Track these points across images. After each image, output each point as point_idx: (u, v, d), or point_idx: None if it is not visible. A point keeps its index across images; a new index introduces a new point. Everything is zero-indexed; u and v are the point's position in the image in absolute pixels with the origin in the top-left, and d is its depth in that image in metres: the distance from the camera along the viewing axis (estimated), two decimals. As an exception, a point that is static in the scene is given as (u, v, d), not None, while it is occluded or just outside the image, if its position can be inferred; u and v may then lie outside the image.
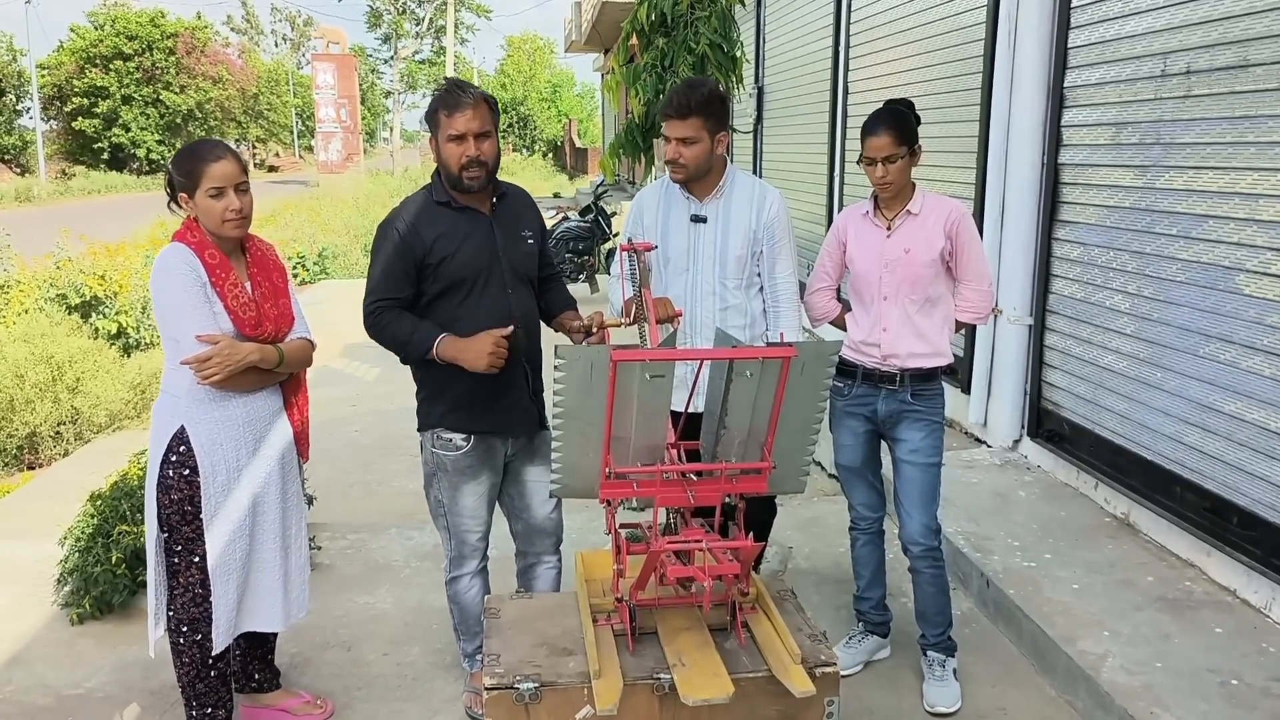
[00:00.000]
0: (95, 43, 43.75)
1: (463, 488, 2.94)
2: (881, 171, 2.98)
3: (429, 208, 2.85)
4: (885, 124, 2.97)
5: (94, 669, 3.37)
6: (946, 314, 3.13)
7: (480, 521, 3.01)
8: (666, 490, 2.28)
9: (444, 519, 3.01)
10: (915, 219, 3.06)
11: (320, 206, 20.25)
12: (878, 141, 2.96)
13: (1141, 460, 4.06)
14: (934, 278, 3.05)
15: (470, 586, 3.07)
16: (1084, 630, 3.27)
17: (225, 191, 2.61)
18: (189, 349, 2.56)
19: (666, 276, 3.29)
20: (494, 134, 2.81)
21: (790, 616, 2.50)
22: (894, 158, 2.95)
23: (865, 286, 3.14)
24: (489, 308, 2.82)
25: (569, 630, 2.45)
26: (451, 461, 2.92)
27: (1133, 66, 4.11)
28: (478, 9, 52.83)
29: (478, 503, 2.98)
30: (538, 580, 3.15)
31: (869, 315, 3.14)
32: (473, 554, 3.04)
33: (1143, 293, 4.06)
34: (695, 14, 4.99)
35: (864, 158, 3.02)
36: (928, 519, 3.11)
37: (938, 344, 3.09)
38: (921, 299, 3.06)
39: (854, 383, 3.18)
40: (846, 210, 3.25)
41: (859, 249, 3.15)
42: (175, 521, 2.68)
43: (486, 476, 2.97)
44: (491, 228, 2.87)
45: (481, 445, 2.91)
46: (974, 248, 3.08)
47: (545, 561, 3.15)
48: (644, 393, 2.17)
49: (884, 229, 3.09)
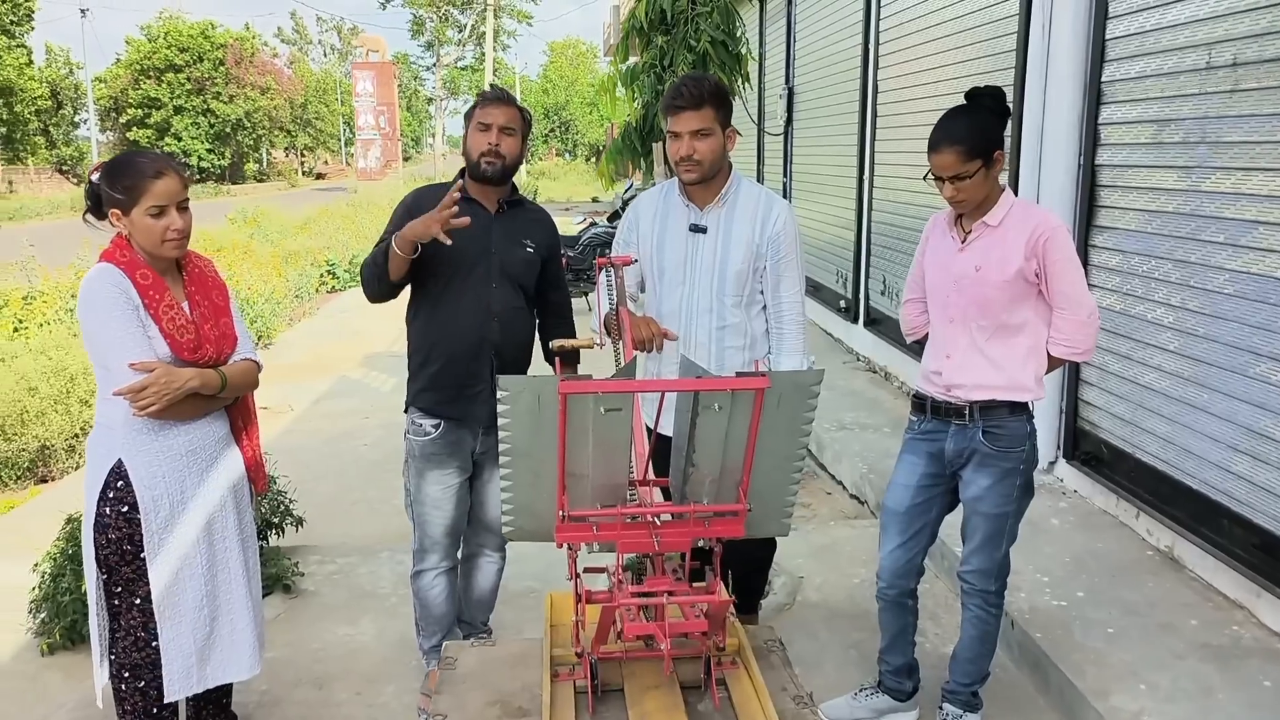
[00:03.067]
0: (149, 55, 44.71)
1: (427, 474, 2.97)
2: (951, 191, 2.58)
3: (438, 193, 2.84)
4: (949, 137, 2.55)
5: (55, 705, 3.20)
6: (1033, 345, 2.65)
7: (444, 514, 3.01)
8: (630, 534, 2.03)
9: (411, 509, 3.07)
10: (993, 232, 2.63)
11: (356, 213, 20.30)
12: (941, 160, 2.55)
13: (1186, 489, 3.72)
14: (1011, 302, 2.62)
15: (434, 584, 3.07)
16: (1118, 683, 2.95)
17: (167, 210, 2.42)
18: (122, 377, 2.37)
19: (661, 290, 3.04)
20: (518, 136, 2.90)
21: (774, 673, 2.26)
22: (963, 175, 2.54)
23: (935, 306, 2.78)
24: (470, 298, 2.88)
25: (528, 685, 2.24)
26: (420, 446, 2.97)
27: (1176, 58, 3.78)
28: (519, 15, 53.01)
29: (442, 492, 2.98)
30: (478, 573, 3.21)
31: (936, 339, 2.77)
32: (434, 547, 3.04)
33: (1187, 305, 3.72)
34: (696, 10, 4.71)
35: (932, 175, 2.63)
36: (985, 564, 2.76)
37: (1016, 376, 2.64)
38: (993, 325, 2.64)
39: (924, 416, 2.80)
40: (937, 215, 2.85)
41: (932, 262, 2.78)
42: (114, 562, 2.50)
43: (454, 468, 2.98)
44: (491, 225, 2.91)
45: (451, 435, 2.95)
46: (1067, 269, 2.59)
47: (487, 555, 3.20)
48: (600, 427, 1.93)
49: (958, 241, 2.70)
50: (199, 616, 2.59)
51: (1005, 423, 2.67)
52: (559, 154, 62.04)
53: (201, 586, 2.59)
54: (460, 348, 2.89)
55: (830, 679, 3.21)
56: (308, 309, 11.95)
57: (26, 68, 36.81)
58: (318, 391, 7.70)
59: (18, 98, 36.13)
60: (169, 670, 2.55)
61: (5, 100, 35.49)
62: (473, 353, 2.89)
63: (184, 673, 2.57)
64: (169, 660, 2.55)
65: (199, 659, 2.59)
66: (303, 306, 11.92)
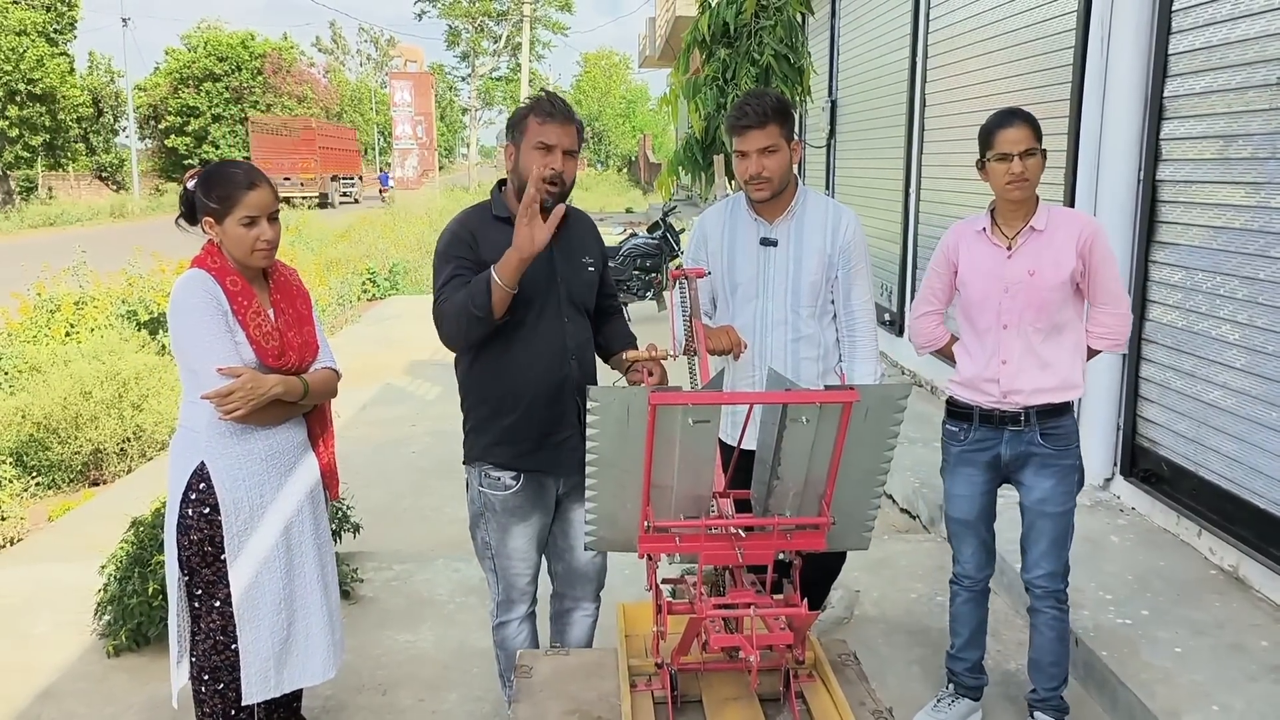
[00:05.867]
0: (188, 64, 45.41)
1: (512, 529, 2.73)
2: (1020, 168, 2.63)
3: (487, 220, 2.63)
4: (1019, 116, 2.68)
5: (124, 706, 3.25)
6: (1077, 341, 2.78)
7: (530, 564, 2.80)
8: (712, 546, 2.04)
9: (491, 560, 2.79)
10: (1041, 236, 2.71)
11: (395, 222, 20.49)
12: (1015, 134, 2.64)
13: (1253, 508, 3.66)
14: (1063, 302, 2.71)
15: (519, 633, 2.87)
16: (1190, 703, 2.91)
17: (259, 220, 2.47)
18: (208, 381, 2.41)
19: (734, 305, 3.05)
20: (576, 158, 2.62)
21: (852, 687, 2.24)
22: (1033, 152, 2.64)
23: (981, 313, 2.80)
24: (544, 338, 2.61)
25: (605, 695, 2.24)
26: (500, 501, 2.70)
27: (1244, 74, 3.74)
28: (554, 26, 53.34)
29: (528, 545, 2.76)
30: (572, 628, 2.93)
31: (984, 346, 2.80)
32: (521, 598, 2.84)
33: (1255, 323, 3.67)
34: (760, 24, 4.72)
35: (993, 156, 2.67)
36: (1056, 566, 2.81)
37: (1067, 375, 2.75)
38: (1048, 326, 2.72)
39: (970, 425, 2.84)
40: (957, 226, 2.89)
41: (973, 271, 2.80)
42: (195, 564, 2.53)
43: (537, 517, 2.75)
44: (552, 252, 2.59)
45: (532, 484, 2.69)
46: (1109, 267, 2.73)
47: (583, 608, 2.93)
48: (686, 438, 1.94)
49: (1004, 248, 2.75)
50: (277, 620, 2.61)
51: (1060, 423, 2.77)
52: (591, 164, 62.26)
53: (280, 590, 2.61)
54: (539, 394, 2.62)
55: (894, 694, 3.20)
56: (350, 316, 12.07)
57: (69, 75, 37.47)
58: (364, 399, 7.77)
59: (60, 105, 36.79)
60: (247, 674, 2.57)
61: (48, 107, 36.16)
62: (553, 397, 2.63)
63: (261, 676, 2.60)
64: (247, 664, 2.57)
65: (276, 663, 2.62)
66: (345, 314, 12.04)
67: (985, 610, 3.02)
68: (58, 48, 36.78)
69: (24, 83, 34.59)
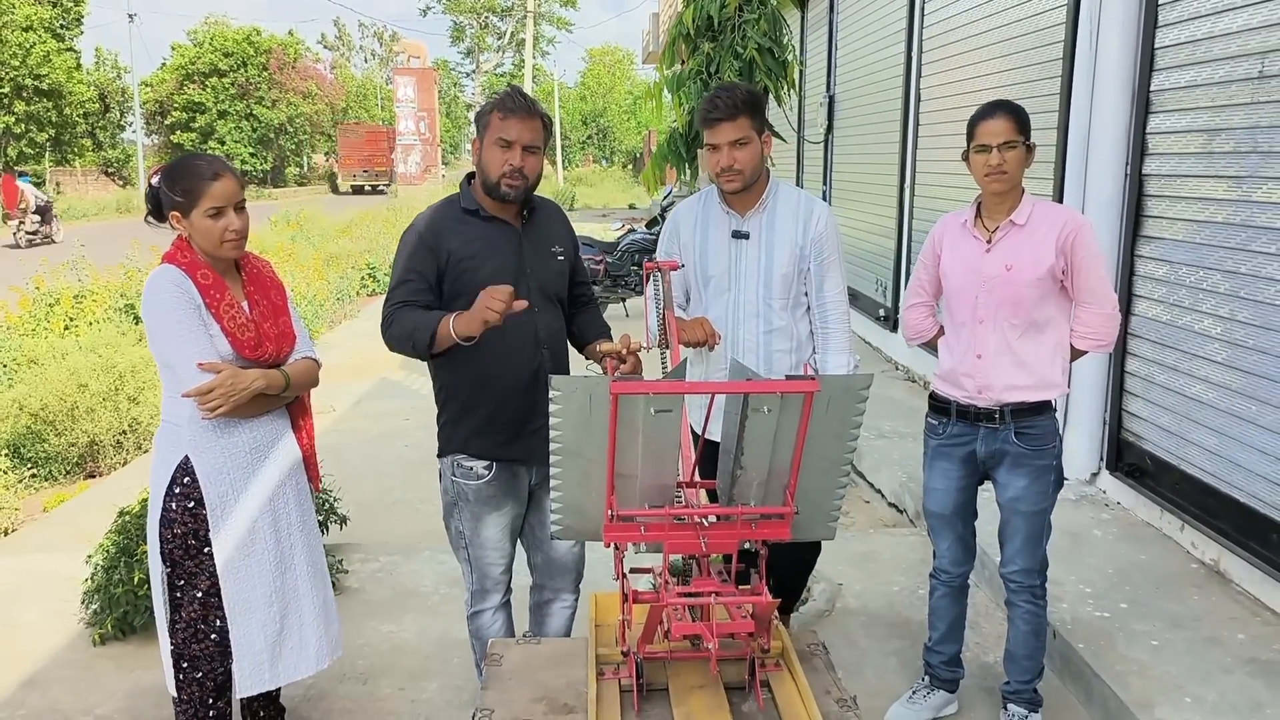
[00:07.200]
0: (194, 59, 45.47)
1: (485, 518, 2.77)
2: (998, 159, 2.63)
3: (455, 215, 2.70)
4: (1002, 108, 2.68)
5: (107, 694, 3.28)
6: (1059, 340, 2.75)
7: (503, 554, 2.84)
8: (677, 535, 2.05)
9: (465, 551, 2.84)
10: (1020, 230, 2.70)
11: (396, 217, 20.51)
12: (995, 125, 2.65)
13: (1234, 502, 3.67)
14: (1040, 299, 2.69)
15: (493, 622, 2.91)
16: (1163, 695, 2.92)
17: (225, 211, 2.47)
18: (187, 377, 2.42)
19: (707, 297, 3.06)
20: (541, 153, 2.66)
21: (817, 676, 2.26)
22: (1013, 144, 2.64)
23: (959, 307, 2.80)
24: (514, 328, 2.62)
25: (573, 683, 2.25)
26: (473, 491, 2.75)
27: (1227, 67, 3.74)
28: (558, 22, 53.32)
29: (500, 534, 2.81)
30: (550, 619, 2.97)
31: (961, 340, 2.80)
32: (495, 587, 2.88)
33: (1237, 316, 3.67)
34: (743, 17, 4.73)
35: (974, 147, 2.69)
36: (1031, 562, 2.82)
37: (1045, 374, 2.72)
38: (1024, 323, 2.70)
39: (949, 420, 2.85)
40: (945, 218, 2.91)
41: (953, 263, 2.81)
42: (178, 556, 2.56)
43: (510, 506, 2.80)
44: (520, 242, 2.70)
45: (505, 473, 2.75)
46: (1094, 265, 2.69)
47: (562, 599, 2.96)
48: (649, 428, 1.95)
49: (983, 241, 2.75)
50: (269, 612, 2.62)
51: (1036, 422, 2.75)
52: (596, 160, 62.25)
53: (270, 582, 2.62)
54: (512, 385, 2.68)
55: (870, 685, 3.21)
56: (349, 311, 12.10)
57: (75, 71, 37.57)
58: (359, 392, 7.80)
59: (66, 100, 36.90)
60: (241, 667, 2.59)
61: (54, 103, 36.27)
62: (527, 387, 2.69)
63: (256, 669, 2.61)
64: (241, 657, 2.58)
65: (271, 655, 2.63)
66: (344, 308, 12.08)
67: (964, 605, 3.03)
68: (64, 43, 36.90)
69: (31, 78, 34.72)
